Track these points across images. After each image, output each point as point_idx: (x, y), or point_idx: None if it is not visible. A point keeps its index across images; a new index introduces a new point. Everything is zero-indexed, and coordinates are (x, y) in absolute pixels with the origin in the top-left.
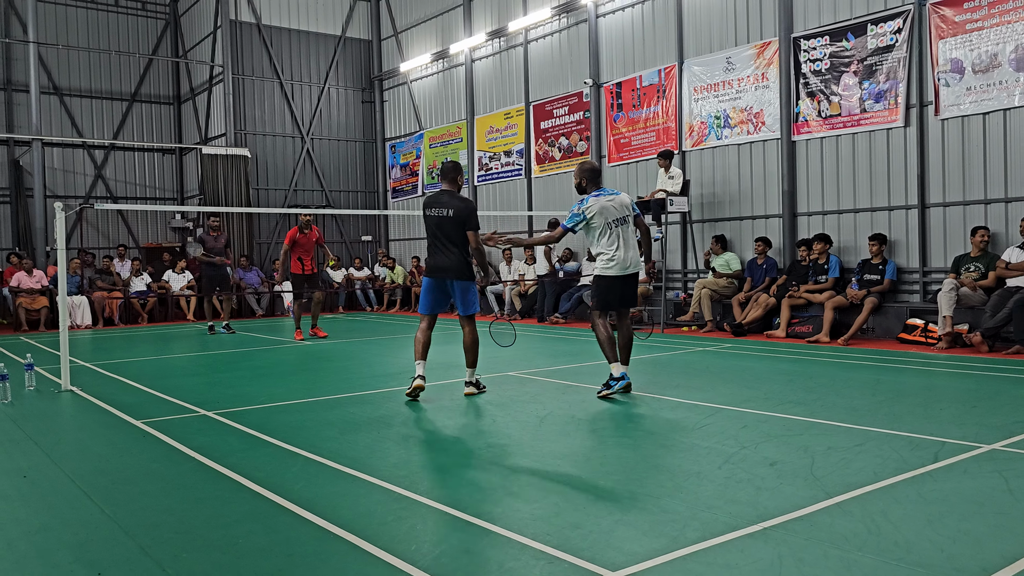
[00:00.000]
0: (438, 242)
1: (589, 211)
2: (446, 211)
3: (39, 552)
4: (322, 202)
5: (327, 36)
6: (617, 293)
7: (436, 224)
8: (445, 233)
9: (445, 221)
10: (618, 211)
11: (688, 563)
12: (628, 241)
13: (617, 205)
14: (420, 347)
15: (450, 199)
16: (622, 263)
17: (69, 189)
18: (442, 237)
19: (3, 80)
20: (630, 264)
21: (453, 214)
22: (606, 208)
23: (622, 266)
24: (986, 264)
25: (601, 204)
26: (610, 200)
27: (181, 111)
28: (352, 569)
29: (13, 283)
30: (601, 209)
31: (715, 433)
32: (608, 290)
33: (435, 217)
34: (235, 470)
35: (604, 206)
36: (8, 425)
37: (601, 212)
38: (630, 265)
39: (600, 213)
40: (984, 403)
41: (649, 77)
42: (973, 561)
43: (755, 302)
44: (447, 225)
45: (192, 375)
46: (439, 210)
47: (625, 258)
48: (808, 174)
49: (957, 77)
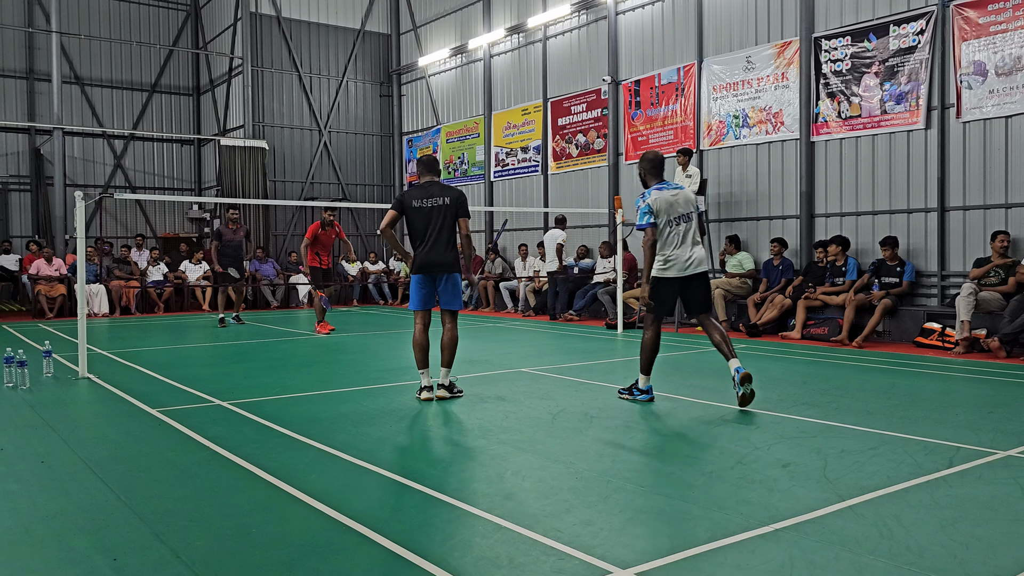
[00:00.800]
0: (431, 235)
1: (654, 203)
2: (441, 200)
3: (56, 537)
4: (338, 195)
5: (346, 29)
6: (673, 297)
7: (429, 214)
8: (439, 224)
9: (440, 211)
10: (682, 207)
11: (699, 563)
12: (688, 240)
13: (682, 201)
14: (421, 353)
15: (442, 189)
16: (680, 264)
17: (89, 178)
18: (435, 229)
19: (26, 69)
20: (691, 264)
21: (449, 202)
22: (670, 203)
23: (680, 267)
24: (1006, 269)
25: (665, 198)
26: (674, 195)
27: (200, 102)
28: (363, 560)
29: (32, 271)
30: (665, 204)
31: (728, 434)
32: (664, 294)
33: (427, 208)
34: (249, 460)
35: (668, 201)
36: (26, 411)
37: (665, 208)
38: (691, 265)
39: (664, 209)
40: (1001, 409)
41: (668, 75)
42: (985, 567)
43: (770, 303)
44: (443, 214)
45: (207, 365)
46: (433, 200)
47: (685, 258)
48: (827, 175)
49: (980, 80)
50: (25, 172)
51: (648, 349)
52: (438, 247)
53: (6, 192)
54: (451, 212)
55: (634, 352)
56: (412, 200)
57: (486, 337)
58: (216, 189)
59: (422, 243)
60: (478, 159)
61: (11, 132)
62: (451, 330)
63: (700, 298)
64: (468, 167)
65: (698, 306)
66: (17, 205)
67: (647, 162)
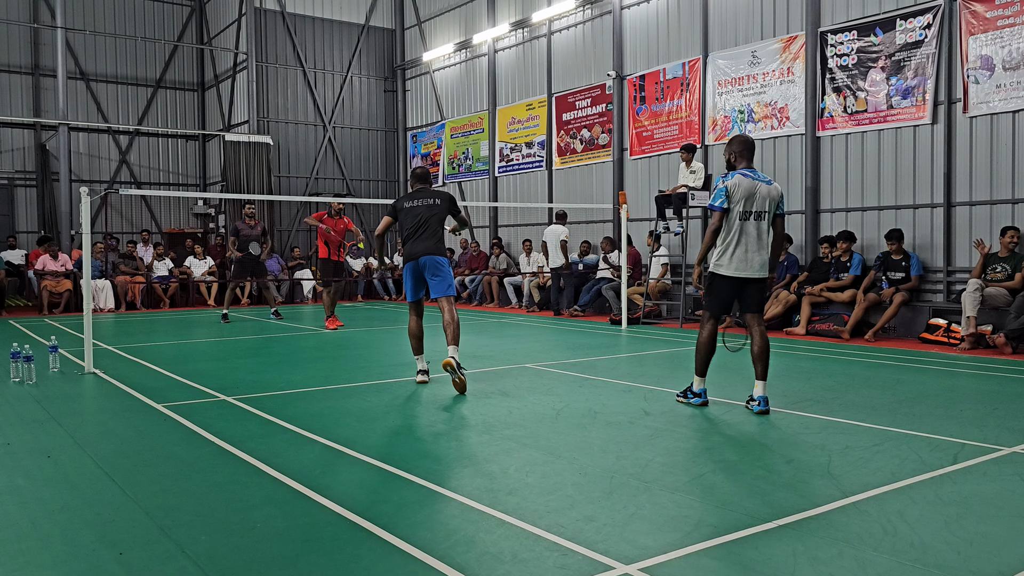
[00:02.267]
0: (421, 231)
1: (733, 188)
2: (433, 200)
3: (62, 531)
4: (343, 190)
5: (350, 25)
6: (730, 296)
7: (423, 213)
8: (426, 219)
9: (433, 209)
10: (762, 203)
11: (702, 558)
12: (757, 239)
13: (764, 194)
14: (416, 341)
15: (432, 191)
16: (740, 263)
17: (94, 174)
18: (426, 226)
19: (31, 65)
20: (750, 266)
21: (440, 202)
22: (751, 192)
23: (738, 267)
24: (1013, 265)
25: (747, 186)
26: (758, 186)
27: (205, 98)
28: (367, 555)
29: (38, 266)
30: (745, 192)
31: (732, 430)
32: (720, 293)
33: (422, 207)
34: (254, 455)
35: (750, 189)
36: (32, 406)
37: (743, 195)
38: (750, 267)
39: (740, 197)
40: (1006, 405)
41: (673, 70)
42: (990, 564)
43: (775, 299)
44: (436, 212)
45: (212, 360)
46: (425, 200)
47: (745, 258)
48: (832, 170)
49: (987, 74)
50: (31, 168)
51: (702, 350)
52: (423, 239)
53: (12, 188)
54: (442, 210)
55: (638, 348)
56: (404, 202)
57: (490, 333)
58: (221, 185)
59: (411, 237)
60: (482, 154)
61: (17, 128)
62: (449, 311)
63: (752, 302)
64: (472, 162)
65: (749, 307)
66: (23, 201)
67: (737, 143)
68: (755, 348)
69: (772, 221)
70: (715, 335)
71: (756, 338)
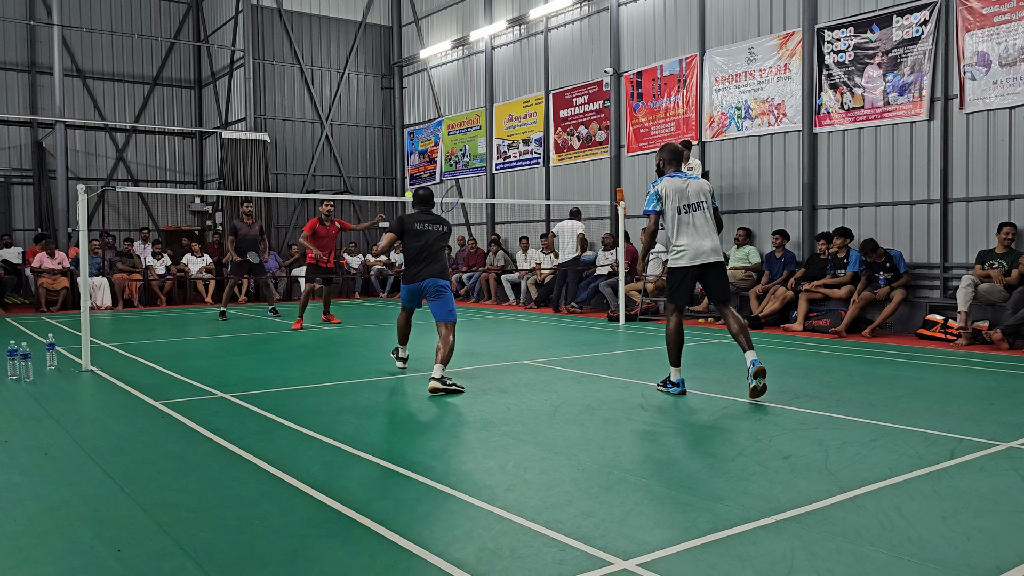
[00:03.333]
0: (427, 255)
1: (663, 190)
2: (442, 227)
3: (60, 528)
4: (340, 188)
5: (347, 22)
6: (689, 286)
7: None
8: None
9: (442, 238)
10: (693, 196)
11: (700, 554)
12: (700, 228)
13: (693, 189)
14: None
15: (436, 217)
16: (692, 252)
17: (91, 171)
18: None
19: (27, 62)
20: (702, 252)
21: (447, 230)
22: (680, 190)
23: (691, 255)
24: (1010, 261)
25: (675, 185)
26: (685, 183)
27: (202, 95)
28: (366, 551)
29: (35, 264)
30: (675, 191)
31: (729, 425)
32: (680, 284)
33: (431, 232)
34: (251, 452)
35: (678, 187)
36: (30, 403)
37: (674, 194)
38: (702, 253)
39: (672, 196)
40: (1003, 400)
41: (670, 67)
42: (987, 558)
43: (772, 295)
44: (442, 239)
45: (209, 357)
46: (435, 226)
47: (697, 246)
48: (829, 167)
49: (983, 70)
50: (27, 165)
51: (672, 341)
52: (429, 264)
53: (8, 185)
54: (446, 238)
55: (635, 344)
56: (414, 224)
57: (488, 329)
58: (218, 182)
59: (416, 261)
60: (480, 151)
61: (13, 125)
62: (446, 337)
63: (717, 288)
64: (470, 159)
65: (716, 296)
66: (20, 198)
67: (666, 151)
68: (733, 329)
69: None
70: (681, 326)
71: (731, 321)
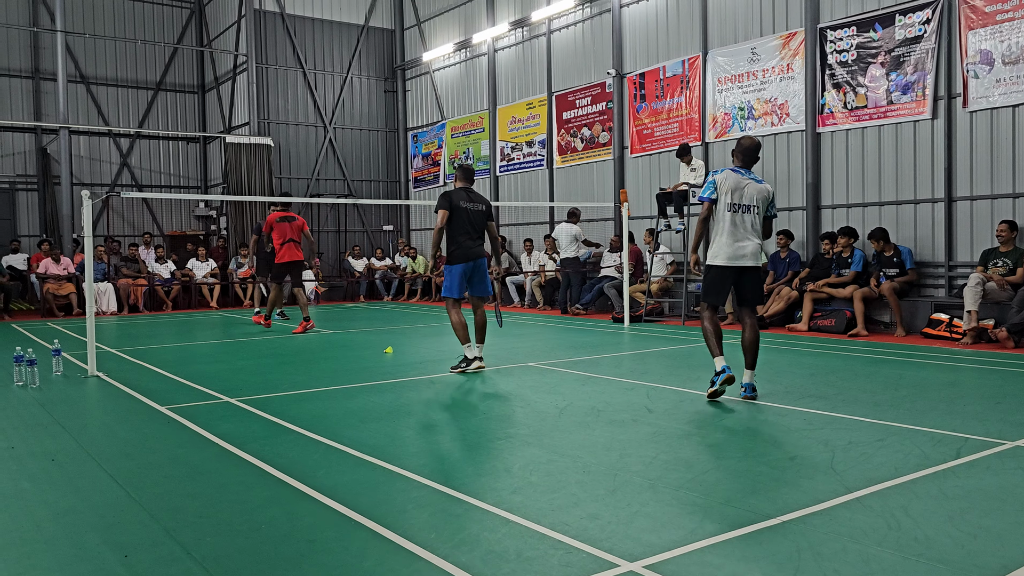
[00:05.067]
0: (475, 233)
1: (721, 181)
2: (481, 206)
3: (67, 534)
4: (344, 191)
5: (350, 25)
6: (726, 285)
7: (476, 217)
8: (479, 223)
9: (484, 215)
10: (749, 197)
11: (706, 555)
12: (746, 231)
13: (752, 191)
14: (464, 331)
15: (478, 195)
16: (728, 253)
17: (95, 177)
18: (479, 228)
19: (31, 69)
20: (741, 255)
21: (487, 208)
22: (738, 187)
23: (728, 256)
24: (1015, 259)
25: (734, 180)
26: (747, 182)
27: (205, 100)
28: (372, 555)
29: (40, 270)
30: (731, 185)
31: (735, 426)
32: (715, 282)
33: (476, 211)
34: (258, 456)
35: (736, 183)
36: (36, 409)
37: (729, 190)
38: (741, 256)
39: (728, 191)
40: (1009, 399)
41: (673, 68)
42: (994, 558)
43: (777, 295)
44: (481, 217)
45: (215, 362)
46: (478, 204)
47: (737, 249)
48: (833, 167)
49: (986, 69)
50: (32, 172)
51: (708, 335)
52: (478, 241)
53: (13, 192)
54: (486, 216)
55: (641, 346)
56: (460, 201)
57: (493, 331)
58: (222, 187)
59: (468, 237)
60: (483, 154)
61: (17, 132)
62: (482, 314)
63: (750, 293)
64: (473, 162)
65: (747, 300)
66: (25, 204)
67: (739, 144)
68: (746, 340)
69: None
70: (717, 321)
71: (747, 331)
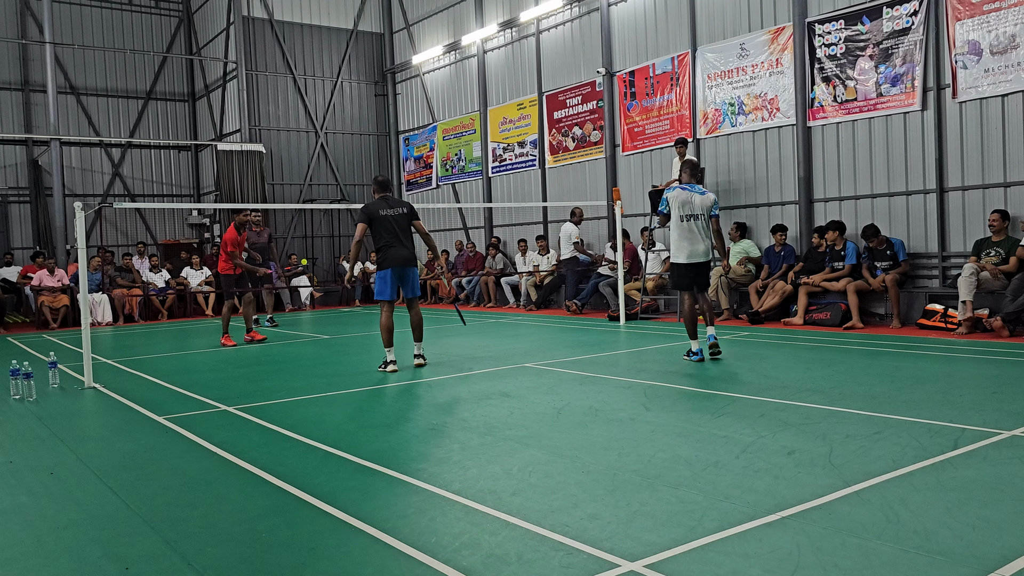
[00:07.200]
0: (401, 238)
1: (672, 199)
2: (402, 209)
3: (67, 547)
4: (337, 196)
5: (339, 30)
6: (688, 277)
7: (398, 221)
8: (403, 226)
9: (405, 218)
10: (694, 208)
11: (707, 553)
12: (697, 234)
13: (697, 203)
14: (389, 334)
15: (396, 200)
16: (687, 253)
17: (87, 187)
18: (403, 233)
19: (21, 81)
20: (696, 254)
21: (407, 211)
22: (686, 201)
23: (687, 255)
24: (1007, 248)
25: (681, 197)
26: (690, 196)
27: (196, 108)
28: (373, 562)
29: (35, 282)
30: (682, 202)
31: (732, 422)
32: (682, 276)
33: (395, 216)
34: (256, 465)
35: (683, 199)
36: (34, 423)
37: (680, 204)
38: (696, 255)
39: (679, 205)
40: (1005, 389)
41: (662, 65)
42: (993, 548)
43: (772, 289)
44: (404, 220)
45: (212, 371)
46: (397, 208)
47: (692, 249)
48: (824, 160)
49: (975, 59)
50: (24, 184)
51: (686, 320)
52: (404, 246)
53: (6, 204)
54: (409, 218)
55: (637, 344)
56: (379, 210)
57: (489, 333)
58: (215, 194)
59: (391, 244)
60: (475, 155)
61: (8, 144)
62: (417, 312)
63: (702, 281)
64: (465, 164)
65: (701, 286)
66: (17, 217)
67: (686, 166)
68: (704, 307)
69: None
70: (692, 307)
71: (703, 303)
